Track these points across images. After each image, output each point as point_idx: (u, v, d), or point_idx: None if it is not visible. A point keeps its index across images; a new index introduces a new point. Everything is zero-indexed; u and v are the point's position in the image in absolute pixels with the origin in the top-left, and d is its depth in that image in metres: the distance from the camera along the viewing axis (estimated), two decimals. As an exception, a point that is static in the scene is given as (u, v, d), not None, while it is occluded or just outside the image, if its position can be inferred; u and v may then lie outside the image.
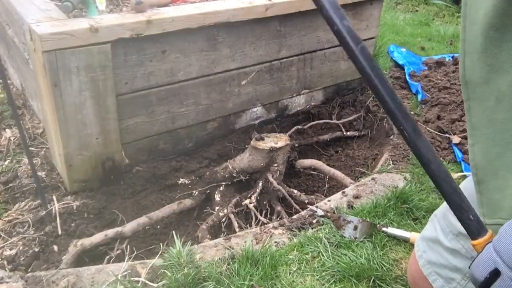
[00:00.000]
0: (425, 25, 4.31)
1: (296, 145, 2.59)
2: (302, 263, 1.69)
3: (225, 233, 2.09)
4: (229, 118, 2.40)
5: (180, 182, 2.23)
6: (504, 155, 0.74)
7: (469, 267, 0.70)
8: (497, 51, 0.71)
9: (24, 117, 2.55)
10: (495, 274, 0.63)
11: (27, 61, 2.12)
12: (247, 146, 2.36)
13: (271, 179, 2.26)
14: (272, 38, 2.33)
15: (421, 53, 3.56)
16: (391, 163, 2.34)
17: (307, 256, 1.72)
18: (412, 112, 2.76)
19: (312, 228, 1.87)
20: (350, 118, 2.82)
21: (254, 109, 2.48)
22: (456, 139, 2.48)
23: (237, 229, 2.03)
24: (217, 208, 2.21)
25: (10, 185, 2.10)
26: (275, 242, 1.79)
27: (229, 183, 2.29)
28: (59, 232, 1.86)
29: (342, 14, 0.80)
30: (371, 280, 1.62)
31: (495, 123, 0.75)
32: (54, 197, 1.98)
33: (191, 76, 2.12)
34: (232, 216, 2.12)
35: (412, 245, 1.78)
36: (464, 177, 2.17)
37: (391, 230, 1.82)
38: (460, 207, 0.78)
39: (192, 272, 1.52)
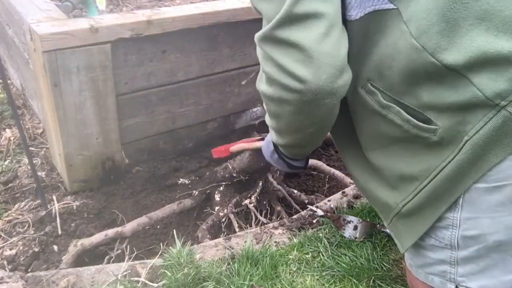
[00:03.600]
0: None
1: (296, 145, 2.58)
2: (302, 263, 1.69)
3: (225, 233, 2.09)
4: (229, 118, 2.40)
5: (180, 182, 2.23)
6: None
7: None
8: None
9: (24, 117, 2.56)
10: (273, 151, 1.38)
11: (27, 61, 2.12)
12: (247, 146, 2.36)
13: (271, 179, 2.26)
14: (272, 38, 2.33)
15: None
16: (391, 163, 2.34)
17: (307, 256, 1.72)
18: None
19: (312, 228, 1.87)
20: (350, 118, 2.81)
21: (254, 109, 2.48)
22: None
23: (237, 229, 2.03)
24: (217, 208, 2.21)
25: (10, 185, 2.11)
26: (275, 242, 1.79)
27: (229, 183, 2.29)
28: (59, 232, 1.86)
29: None
30: (371, 280, 1.62)
31: None
32: (54, 197, 1.98)
33: (191, 76, 2.12)
34: (232, 216, 2.12)
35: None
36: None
37: (391, 230, 1.82)
38: None
39: (192, 272, 1.52)
